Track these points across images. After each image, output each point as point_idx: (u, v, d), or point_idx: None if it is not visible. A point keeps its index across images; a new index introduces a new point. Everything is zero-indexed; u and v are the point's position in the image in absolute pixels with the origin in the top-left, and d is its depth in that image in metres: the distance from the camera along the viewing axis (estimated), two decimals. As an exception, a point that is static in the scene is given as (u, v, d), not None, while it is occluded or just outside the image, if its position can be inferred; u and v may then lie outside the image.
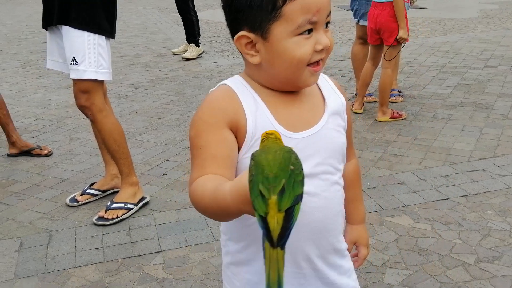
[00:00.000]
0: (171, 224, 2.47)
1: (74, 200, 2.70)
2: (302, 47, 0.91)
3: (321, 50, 0.93)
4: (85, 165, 3.19)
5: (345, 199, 1.09)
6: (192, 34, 6.08)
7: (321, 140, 1.00)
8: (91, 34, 2.39)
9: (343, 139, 1.05)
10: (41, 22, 2.57)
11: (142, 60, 6.14)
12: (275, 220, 0.68)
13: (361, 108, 3.96)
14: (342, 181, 1.06)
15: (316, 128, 0.99)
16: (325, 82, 1.07)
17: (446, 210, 2.51)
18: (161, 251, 2.25)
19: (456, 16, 8.66)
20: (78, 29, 2.38)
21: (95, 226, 2.47)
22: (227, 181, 0.83)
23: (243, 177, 0.74)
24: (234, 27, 0.95)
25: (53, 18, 2.43)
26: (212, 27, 8.45)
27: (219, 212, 0.83)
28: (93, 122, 2.56)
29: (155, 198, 2.72)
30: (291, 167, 0.71)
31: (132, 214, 2.55)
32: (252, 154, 0.75)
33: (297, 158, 0.73)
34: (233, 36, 0.96)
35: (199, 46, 6.17)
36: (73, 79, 2.44)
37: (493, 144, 3.27)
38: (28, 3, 12.26)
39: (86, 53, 2.38)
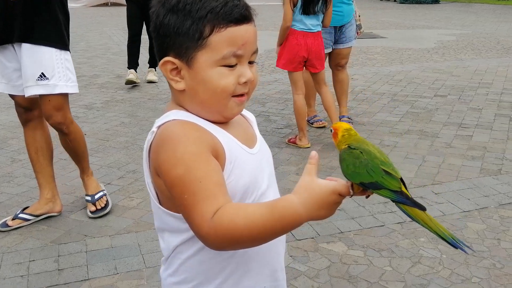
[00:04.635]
0: (103, 250, 2.41)
1: (4, 224, 2.61)
2: (226, 78, 0.92)
3: (245, 83, 0.94)
4: (22, 188, 3.09)
5: None
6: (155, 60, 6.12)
7: (264, 152, 1.05)
8: (58, 50, 2.46)
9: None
10: None
11: (99, 81, 6.08)
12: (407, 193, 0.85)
13: (309, 142, 3.79)
14: None
15: (259, 142, 1.04)
16: None
17: (380, 237, 2.53)
18: (88, 279, 2.19)
19: (414, 46, 8.94)
20: (45, 46, 2.43)
21: (22, 253, 2.38)
22: (262, 203, 0.87)
23: (315, 187, 0.85)
24: (161, 52, 0.96)
25: (11, 36, 2.42)
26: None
27: (281, 230, 0.85)
28: (67, 134, 2.61)
29: (90, 223, 2.66)
30: None
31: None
32: (349, 146, 0.91)
33: None
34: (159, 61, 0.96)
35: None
36: (42, 95, 2.46)
37: (434, 171, 3.34)
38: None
39: (55, 68, 2.45)
